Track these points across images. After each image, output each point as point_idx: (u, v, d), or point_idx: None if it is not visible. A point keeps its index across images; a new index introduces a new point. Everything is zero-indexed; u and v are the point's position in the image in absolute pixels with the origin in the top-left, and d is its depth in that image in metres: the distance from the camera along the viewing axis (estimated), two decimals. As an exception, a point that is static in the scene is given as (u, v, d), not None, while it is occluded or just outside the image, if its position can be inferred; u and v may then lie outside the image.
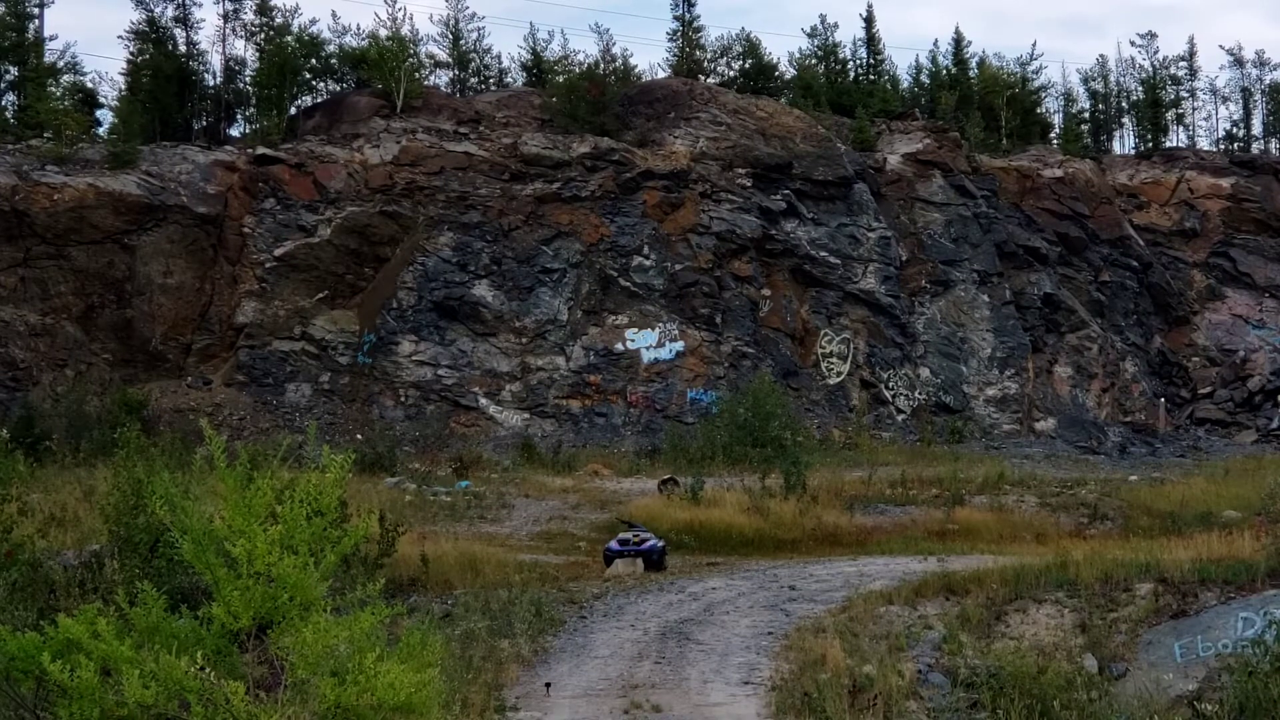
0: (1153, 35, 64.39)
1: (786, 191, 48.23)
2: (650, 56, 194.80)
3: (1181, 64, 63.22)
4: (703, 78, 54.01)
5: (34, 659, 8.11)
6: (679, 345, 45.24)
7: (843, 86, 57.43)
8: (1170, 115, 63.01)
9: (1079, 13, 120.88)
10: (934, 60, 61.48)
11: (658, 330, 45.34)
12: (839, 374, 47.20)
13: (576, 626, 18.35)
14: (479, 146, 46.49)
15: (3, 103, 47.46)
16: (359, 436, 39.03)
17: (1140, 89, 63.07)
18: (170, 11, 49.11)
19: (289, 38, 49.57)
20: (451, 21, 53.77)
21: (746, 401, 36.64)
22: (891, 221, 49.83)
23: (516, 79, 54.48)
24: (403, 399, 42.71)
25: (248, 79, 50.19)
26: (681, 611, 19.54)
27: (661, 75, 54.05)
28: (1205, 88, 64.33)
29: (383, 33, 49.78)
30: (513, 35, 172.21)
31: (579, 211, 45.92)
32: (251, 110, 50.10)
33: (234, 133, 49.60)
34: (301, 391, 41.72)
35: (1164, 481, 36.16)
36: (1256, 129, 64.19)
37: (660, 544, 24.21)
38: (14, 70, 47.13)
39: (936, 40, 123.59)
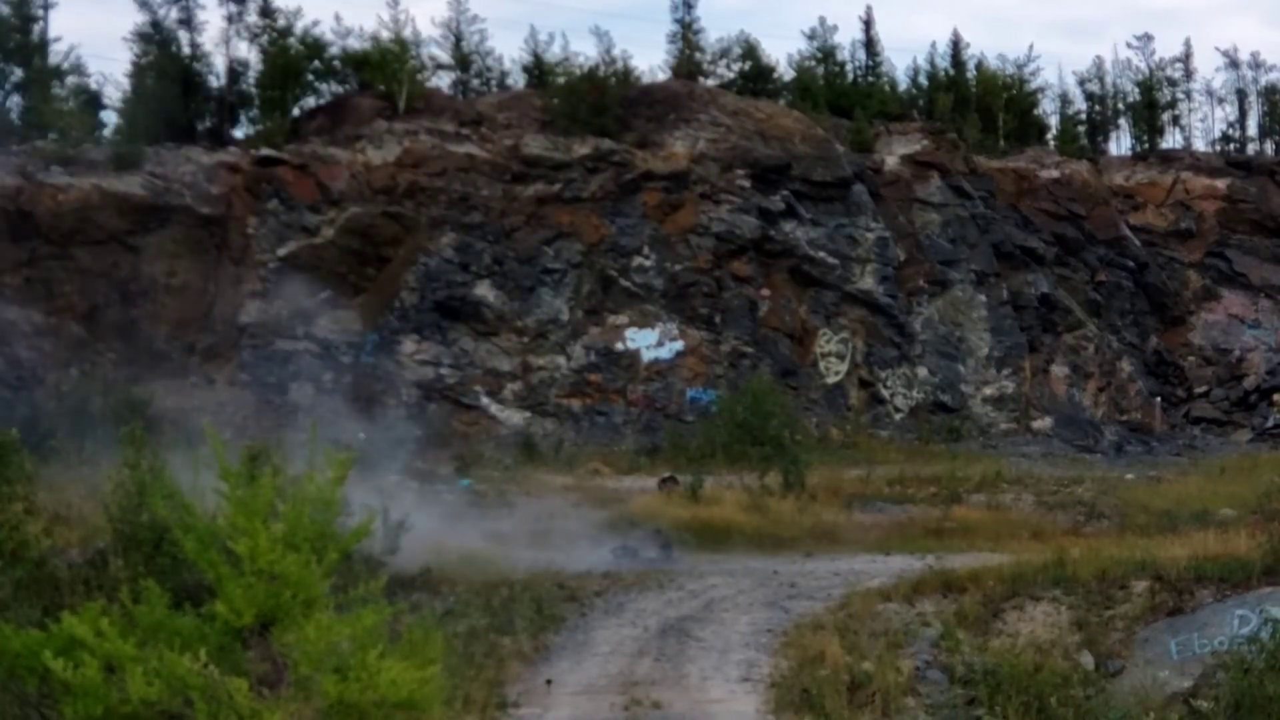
0: (1149, 37, 63.83)
1: (785, 192, 48.29)
2: (650, 59, 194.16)
3: (1177, 66, 63.16)
4: (702, 80, 54.00)
5: (38, 656, 8.20)
6: (679, 345, 45.37)
7: (841, 88, 57.33)
8: (1166, 117, 62.87)
9: (1079, 16, 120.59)
10: (932, 62, 61.17)
11: (658, 330, 45.48)
12: (837, 373, 47.30)
13: (577, 623, 18.49)
14: (480, 148, 46.59)
15: (8, 104, 47.58)
16: (361, 435, 39.13)
17: (1136, 91, 62.97)
18: (174, 14, 49.28)
19: (292, 40, 49.67)
20: (453, 24, 53.84)
21: (746, 400, 36.69)
22: (889, 222, 49.88)
23: (518, 81, 54.50)
24: (405, 398, 42.84)
25: (251, 81, 50.32)
26: (681, 609, 19.68)
27: (661, 78, 54.03)
28: (1201, 90, 64.13)
29: (385, 35, 49.92)
30: (514, 37, 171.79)
31: (580, 212, 46.04)
32: (255, 112, 50.20)
33: (237, 134, 49.70)
34: (304, 391, 41.83)
35: (1160, 480, 36.23)
36: (1252, 130, 64.02)
37: None
38: (20, 72, 47.23)
39: (935, 43, 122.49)
